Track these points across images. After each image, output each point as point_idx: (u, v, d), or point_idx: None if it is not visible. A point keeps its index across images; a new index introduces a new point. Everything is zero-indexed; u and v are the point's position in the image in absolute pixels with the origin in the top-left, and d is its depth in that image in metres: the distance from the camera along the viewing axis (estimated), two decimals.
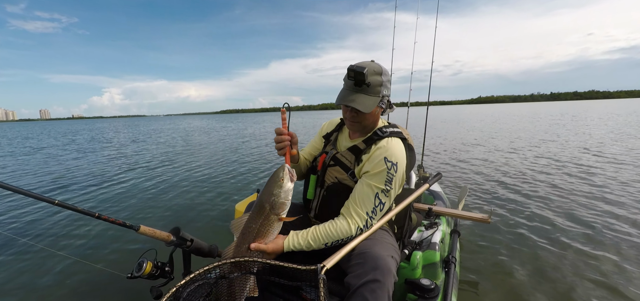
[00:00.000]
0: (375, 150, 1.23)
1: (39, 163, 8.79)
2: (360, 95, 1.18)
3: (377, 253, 1.10)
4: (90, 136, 20.77)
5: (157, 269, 1.20)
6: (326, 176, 1.36)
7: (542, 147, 7.95)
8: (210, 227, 3.35)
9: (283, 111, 1.29)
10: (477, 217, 2.06)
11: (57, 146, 13.99)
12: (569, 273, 2.22)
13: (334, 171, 1.33)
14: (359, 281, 1.03)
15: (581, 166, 5.45)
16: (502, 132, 12.38)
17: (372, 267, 1.05)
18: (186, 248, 1.28)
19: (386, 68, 1.24)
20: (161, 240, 1.21)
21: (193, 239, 1.30)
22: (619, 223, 2.95)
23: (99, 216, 1.06)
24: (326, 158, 1.38)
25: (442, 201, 2.46)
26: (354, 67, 1.15)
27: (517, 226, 3.00)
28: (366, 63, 1.19)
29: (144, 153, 9.90)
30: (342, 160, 1.32)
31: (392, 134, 1.26)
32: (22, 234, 3.30)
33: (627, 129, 11.37)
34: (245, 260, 1.08)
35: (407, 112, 3.79)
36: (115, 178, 6.10)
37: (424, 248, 1.56)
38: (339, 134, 1.47)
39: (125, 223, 1.13)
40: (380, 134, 1.26)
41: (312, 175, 1.42)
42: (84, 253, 2.83)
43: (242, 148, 10.43)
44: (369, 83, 1.16)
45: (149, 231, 1.16)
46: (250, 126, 27.03)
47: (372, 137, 1.27)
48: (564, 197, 3.80)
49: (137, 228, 1.14)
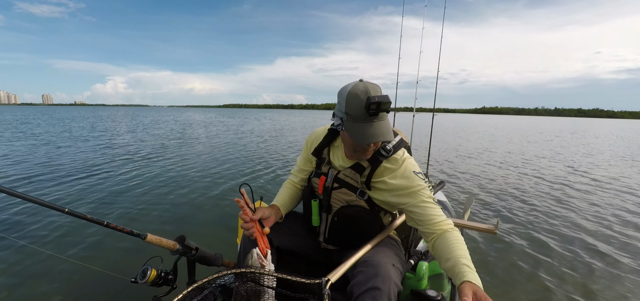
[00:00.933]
0: (397, 167, 1.17)
1: (27, 149, 8.90)
2: (381, 123, 1.08)
3: (379, 261, 1.09)
4: (89, 124, 20.97)
5: (160, 277, 1.20)
6: (332, 200, 1.29)
7: (550, 160, 7.86)
8: (212, 233, 3.36)
9: (242, 193, 1.19)
10: (482, 228, 2.03)
11: (52, 132, 14.20)
12: (578, 287, 2.18)
13: (340, 194, 1.26)
14: (359, 289, 1.03)
15: (591, 180, 5.37)
16: (509, 143, 12.29)
17: (373, 274, 1.04)
18: (191, 257, 1.29)
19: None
20: (167, 249, 1.22)
21: (198, 248, 1.30)
22: (629, 235, 2.90)
23: (108, 225, 1.07)
24: (327, 180, 1.29)
25: (448, 211, 2.44)
26: (377, 98, 1.03)
27: (524, 238, 2.96)
28: (370, 86, 1.08)
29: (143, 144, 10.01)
30: (346, 181, 1.24)
31: (396, 147, 1.20)
32: (27, 239, 3.34)
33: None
34: (249, 272, 1.08)
35: (413, 120, 3.79)
36: (96, 169, 6.15)
37: (430, 258, 1.55)
38: (330, 150, 1.34)
39: (132, 231, 1.14)
40: (384, 154, 1.18)
41: (314, 201, 1.33)
42: (89, 257, 2.85)
43: (247, 146, 10.47)
44: (389, 109, 1.08)
45: (156, 239, 1.17)
46: (252, 121, 27.11)
47: (376, 157, 1.19)
48: (572, 210, 3.74)
49: (144, 237, 1.15)
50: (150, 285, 1.19)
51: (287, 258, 1.45)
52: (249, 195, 1.21)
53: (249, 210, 1.18)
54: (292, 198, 1.45)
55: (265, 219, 1.25)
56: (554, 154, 8.17)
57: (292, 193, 1.45)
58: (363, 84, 1.09)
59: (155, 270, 1.19)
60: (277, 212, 1.33)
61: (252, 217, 1.17)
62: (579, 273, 2.35)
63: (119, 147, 9.89)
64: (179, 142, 11.55)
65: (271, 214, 1.28)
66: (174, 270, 1.26)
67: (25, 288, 2.40)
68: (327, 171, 1.30)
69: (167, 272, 1.24)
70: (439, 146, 11.13)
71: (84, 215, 1.01)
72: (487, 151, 9.54)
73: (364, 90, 1.06)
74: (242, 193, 1.19)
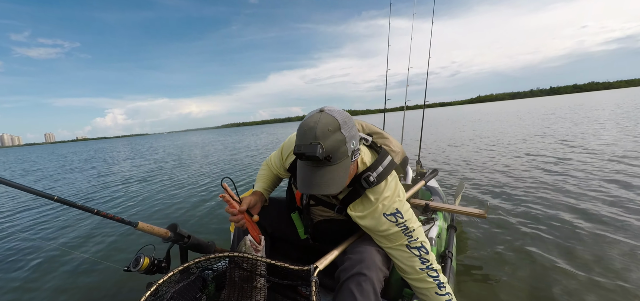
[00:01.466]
0: (369, 206, 1.08)
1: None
2: (324, 172, 0.92)
3: (364, 247, 1.11)
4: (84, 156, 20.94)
5: (154, 265, 1.22)
6: (311, 213, 1.30)
7: (540, 142, 7.94)
8: (206, 223, 3.39)
9: (224, 187, 1.16)
10: (473, 212, 2.07)
11: (48, 168, 14.11)
12: (566, 266, 2.21)
13: (318, 210, 1.27)
14: (345, 275, 1.05)
15: (581, 161, 5.44)
16: (501, 129, 12.38)
17: (358, 260, 1.07)
18: (183, 244, 1.31)
19: (342, 114, 0.95)
20: (159, 236, 1.23)
21: (190, 236, 1.32)
22: (622, 214, 2.95)
23: (98, 212, 1.08)
24: (302, 197, 1.27)
25: (439, 197, 2.48)
26: (303, 150, 0.89)
27: (514, 220, 3.00)
28: (314, 123, 0.90)
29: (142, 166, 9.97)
30: (322, 199, 1.22)
31: (379, 178, 1.07)
32: (21, 230, 3.35)
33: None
34: (239, 255, 1.10)
35: (404, 116, 3.84)
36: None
37: None
38: None
39: (123, 219, 1.16)
40: (364, 185, 1.06)
41: (293, 214, 1.33)
42: (82, 247, 2.88)
43: (238, 156, 10.47)
44: (330, 156, 0.89)
45: (147, 227, 1.19)
46: (247, 138, 27.15)
47: (356, 189, 1.09)
48: (561, 191, 3.79)
49: (135, 225, 1.16)
50: (144, 273, 1.21)
51: (279, 245, 1.47)
52: (232, 188, 1.19)
53: (234, 203, 1.16)
54: (272, 181, 1.45)
55: (252, 207, 1.25)
56: (549, 132, 8.24)
57: (271, 175, 1.44)
58: (314, 118, 0.92)
59: (148, 258, 1.21)
60: (261, 197, 1.34)
61: (239, 209, 1.16)
62: (573, 251, 2.39)
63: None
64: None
65: (257, 202, 1.29)
66: (167, 258, 1.28)
67: (17, 277, 2.41)
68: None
69: (160, 260, 1.25)
70: (432, 137, 11.15)
71: (73, 203, 1.03)
72: (479, 138, 9.61)
73: (302, 131, 0.92)
74: (224, 187, 1.17)
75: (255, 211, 1.27)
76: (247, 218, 1.18)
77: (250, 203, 1.23)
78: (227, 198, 1.15)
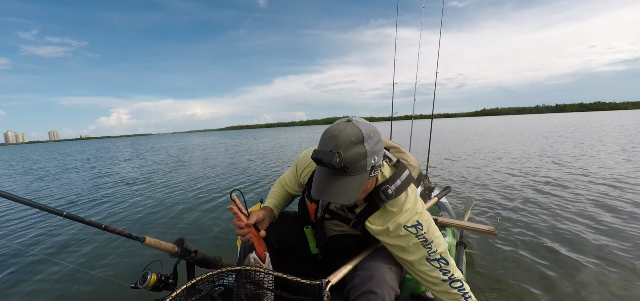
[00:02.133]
0: (389, 219, 1.05)
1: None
2: (339, 182, 0.92)
3: (375, 264, 1.08)
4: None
5: (161, 281, 1.20)
6: (325, 228, 1.27)
7: (551, 158, 7.86)
8: (211, 238, 3.35)
9: (233, 199, 1.15)
10: (483, 228, 2.03)
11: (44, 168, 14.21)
12: (578, 286, 2.16)
13: (332, 225, 1.24)
14: (355, 293, 1.02)
15: (592, 180, 5.36)
16: (508, 143, 12.30)
17: (368, 278, 1.03)
18: (190, 260, 1.28)
19: (368, 127, 0.94)
20: (166, 251, 1.21)
21: (197, 251, 1.30)
22: (631, 235, 2.88)
23: (106, 228, 1.07)
24: (317, 209, 1.24)
25: (448, 212, 2.43)
26: (321, 156, 0.89)
27: (525, 238, 2.94)
28: (339, 131, 0.90)
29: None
30: (337, 213, 1.19)
31: (397, 192, 1.05)
32: (29, 245, 3.32)
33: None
34: (248, 269, 1.07)
35: (411, 125, 3.80)
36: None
37: None
38: None
39: (131, 234, 1.14)
40: (383, 198, 1.04)
41: (306, 228, 1.32)
42: (89, 263, 2.84)
43: (242, 161, 10.47)
44: (348, 167, 0.89)
45: (154, 242, 1.17)
46: (249, 141, 27.19)
47: (374, 201, 1.07)
48: (573, 209, 3.73)
49: (142, 240, 1.14)
50: (151, 290, 1.18)
51: (285, 259, 1.44)
52: (241, 201, 1.19)
53: (242, 216, 1.15)
54: (284, 199, 1.44)
55: (260, 222, 1.24)
56: (561, 149, 8.17)
57: (283, 193, 1.44)
58: (339, 127, 0.93)
59: (155, 275, 1.19)
60: (270, 213, 1.32)
61: (246, 222, 1.15)
62: (587, 272, 2.33)
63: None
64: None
65: (265, 217, 1.27)
66: (174, 274, 1.26)
67: (23, 294, 2.38)
68: (318, 200, 1.24)
69: (167, 276, 1.23)
70: (434, 149, 11.08)
71: (81, 218, 1.01)
72: (487, 152, 9.54)
73: (326, 137, 0.93)
74: (233, 199, 1.16)
75: (263, 226, 1.25)
76: (254, 233, 1.16)
77: (258, 218, 1.22)
78: (235, 211, 1.14)
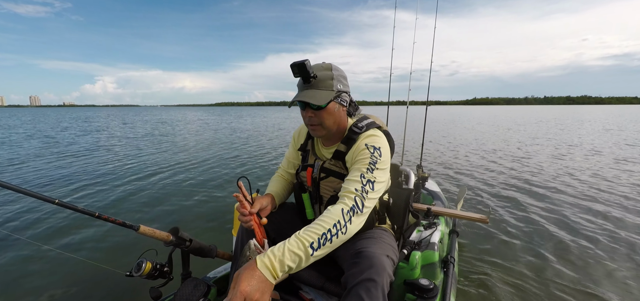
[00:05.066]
0: (356, 145, 1.20)
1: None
2: (311, 91, 1.14)
3: (373, 251, 1.09)
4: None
5: (156, 270, 1.19)
6: (321, 190, 1.32)
7: (541, 148, 8.01)
8: (208, 228, 3.35)
9: (240, 186, 1.20)
10: (475, 217, 2.07)
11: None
12: (568, 272, 2.24)
13: (329, 183, 1.28)
14: (354, 281, 1.03)
15: (582, 168, 5.49)
16: (501, 133, 12.46)
17: (367, 266, 1.04)
18: (185, 248, 1.28)
19: (338, 66, 1.20)
20: (160, 240, 1.20)
21: (192, 239, 1.29)
22: (621, 225, 2.98)
23: (99, 216, 1.05)
24: (313, 171, 1.32)
25: (441, 201, 2.47)
26: (296, 61, 1.11)
27: (516, 225, 3.02)
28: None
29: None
30: (332, 169, 1.27)
31: (368, 127, 1.24)
32: (21, 232, 3.27)
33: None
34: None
35: (407, 111, 3.80)
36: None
37: (422, 248, 1.57)
38: (314, 141, 1.40)
39: (125, 222, 1.12)
40: (357, 131, 1.22)
41: (304, 194, 1.37)
42: (83, 251, 2.82)
43: (238, 143, 10.40)
44: (316, 76, 1.13)
45: (149, 231, 1.15)
46: (246, 118, 27.00)
47: (350, 137, 1.23)
48: (563, 197, 3.83)
49: (136, 228, 1.13)
50: (146, 278, 1.18)
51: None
52: (247, 188, 1.22)
53: (247, 203, 1.18)
54: (285, 189, 1.47)
55: (263, 210, 1.26)
56: (545, 140, 8.38)
57: (283, 183, 1.47)
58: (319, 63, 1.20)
59: (150, 263, 1.18)
60: (272, 201, 1.35)
61: (250, 210, 1.18)
62: (577, 258, 2.41)
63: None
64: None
65: (268, 204, 1.30)
66: (169, 262, 1.25)
67: (19, 282, 2.36)
68: (314, 162, 1.33)
69: (162, 264, 1.23)
70: (428, 136, 11.19)
71: (74, 206, 0.99)
72: (479, 142, 9.67)
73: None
74: (239, 186, 1.20)
75: (265, 213, 1.27)
76: (256, 220, 1.18)
77: (261, 205, 1.25)
78: (241, 198, 1.18)
